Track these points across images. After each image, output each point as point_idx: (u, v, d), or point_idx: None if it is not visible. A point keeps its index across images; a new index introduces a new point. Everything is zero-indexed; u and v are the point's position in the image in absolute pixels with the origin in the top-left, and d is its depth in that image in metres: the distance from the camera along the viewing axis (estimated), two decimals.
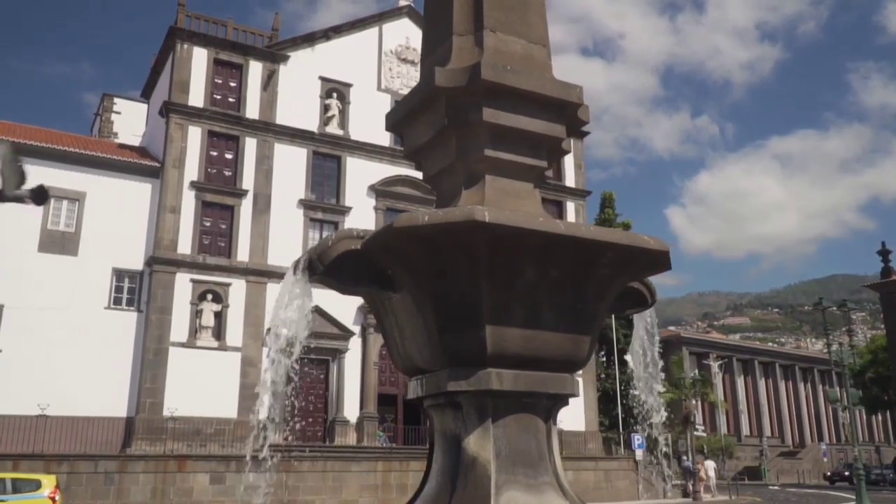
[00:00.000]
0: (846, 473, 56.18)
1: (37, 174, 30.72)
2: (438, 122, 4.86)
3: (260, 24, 39.89)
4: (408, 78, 38.29)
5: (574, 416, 37.15)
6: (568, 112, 5.02)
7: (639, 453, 32.22)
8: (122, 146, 36.55)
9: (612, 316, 42.80)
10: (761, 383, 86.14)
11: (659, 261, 4.62)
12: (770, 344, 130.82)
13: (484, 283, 4.22)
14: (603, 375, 42.04)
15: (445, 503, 4.36)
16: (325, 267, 4.39)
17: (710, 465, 34.02)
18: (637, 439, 32.11)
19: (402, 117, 5.22)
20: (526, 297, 4.34)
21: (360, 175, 35.41)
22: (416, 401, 4.80)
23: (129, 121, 44.52)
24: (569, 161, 42.66)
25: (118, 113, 49.15)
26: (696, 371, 69.27)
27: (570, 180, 42.40)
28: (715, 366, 53.94)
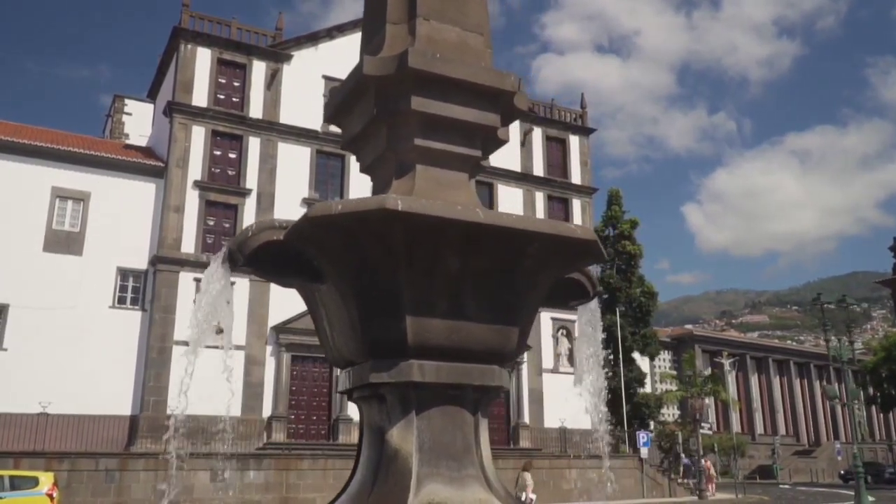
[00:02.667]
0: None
1: (42, 175, 31.09)
2: (369, 112, 4.81)
3: (274, 24, 40.33)
4: None
5: (580, 414, 36.99)
6: (503, 101, 4.93)
7: (644, 451, 31.99)
8: (129, 146, 36.81)
9: (617, 314, 42.79)
10: (776, 381, 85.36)
11: (588, 250, 4.53)
12: (789, 342, 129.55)
13: (403, 274, 4.16)
14: (610, 374, 41.80)
15: (366, 497, 4.32)
16: (245, 258, 4.36)
17: (708, 460, 33.66)
18: (642, 437, 31.88)
19: (336, 108, 5.17)
20: (449, 287, 4.27)
21: (362, 174, 35.37)
22: (345, 393, 4.75)
23: (140, 121, 44.81)
24: (574, 159, 42.51)
25: (129, 114, 49.52)
26: (709, 369, 68.80)
27: (576, 178, 42.19)
28: (727, 363, 53.34)
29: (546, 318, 38.30)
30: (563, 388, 37.21)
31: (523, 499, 21.97)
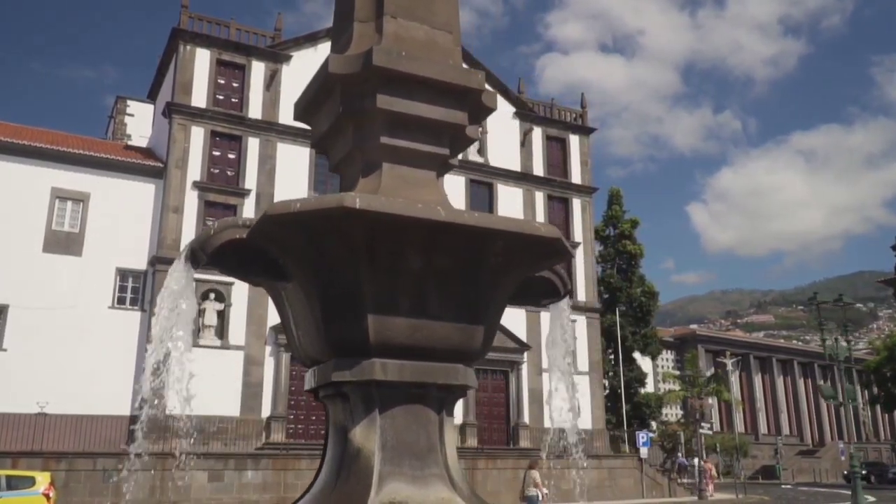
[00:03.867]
0: (864, 472, 55.36)
1: (42, 175, 31.12)
2: (335, 110, 4.81)
3: (285, 27, 40.31)
4: None
5: (581, 414, 36.94)
6: (471, 99, 4.92)
7: (643, 451, 31.93)
8: (129, 147, 36.89)
9: (617, 314, 42.75)
10: (779, 381, 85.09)
11: (553, 249, 4.51)
12: (795, 342, 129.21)
13: (365, 272, 4.15)
14: (611, 373, 41.78)
15: (329, 495, 4.31)
16: (207, 256, 4.36)
17: (697, 462, 33.61)
18: (642, 437, 31.82)
19: (304, 106, 5.17)
20: (412, 285, 4.26)
21: None
22: (311, 392, 4.75)
23: (142, 123, 44.93)
24: (575, 158, 42.44)
25: (131, 115, 49.67)
26: (712, 369, 68.65)
27: (576, 177, 42.12)
28: (729, 363, 53.18)
29: (546, 318, 38.07)
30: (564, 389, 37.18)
31: (538, 496, 21.99)
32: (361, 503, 4.01)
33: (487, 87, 5.06)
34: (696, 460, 32.47)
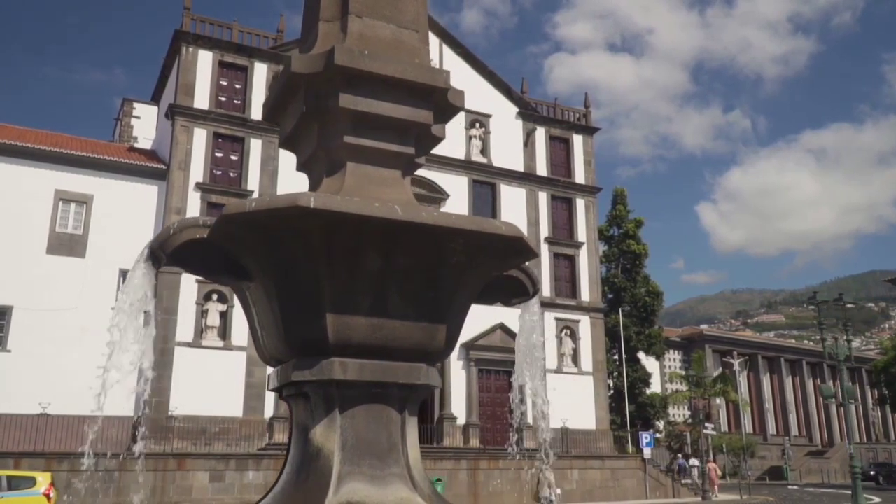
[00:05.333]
0: (872, 473, 55.04)
1: (45, 178, 31.28)
2: (300, 110, 4.81)
3: (287, 28, 40.20)
4: None
5: (584, 414, 36.90)
6: (436, 97, 4.91)
7: (647, 451, 31.81)
8: (133, 149, 37.05)
9: (620, 314, 42.60)
10: (788, 381, 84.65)
11: (515, 247, 4.49)
12: (806, 342, 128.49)
13: (324, 271, 4.15)
14: (615, 374, 41.64)
15: (288, 495, 4.31)
16: (167, 256, 4.36)
17: (695, 462, 33.46)
18: (645, 437, 31.70)
19: (271, 106, 5.17)
20: (372, 284, 4.25)
21: None
22: (275, 391, 4.76)
23: (149, 125, 45.12)
24: (578, 158, 42.38)
25: (137, 117, 49.77)
26: (720, 369, 68.35)
27: (579, 177, 42.05)
28: (736, 363, 52.97)
29: (549, 318, 38.19)
30: (567, 389, 37.11)
31: (551, 497, 22.05)
32: (319, 502, 4.01)
33: (454, 85, 5.05)
34: (692, 461, 32.32)
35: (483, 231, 4.33)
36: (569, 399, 36.54)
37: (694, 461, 33.07)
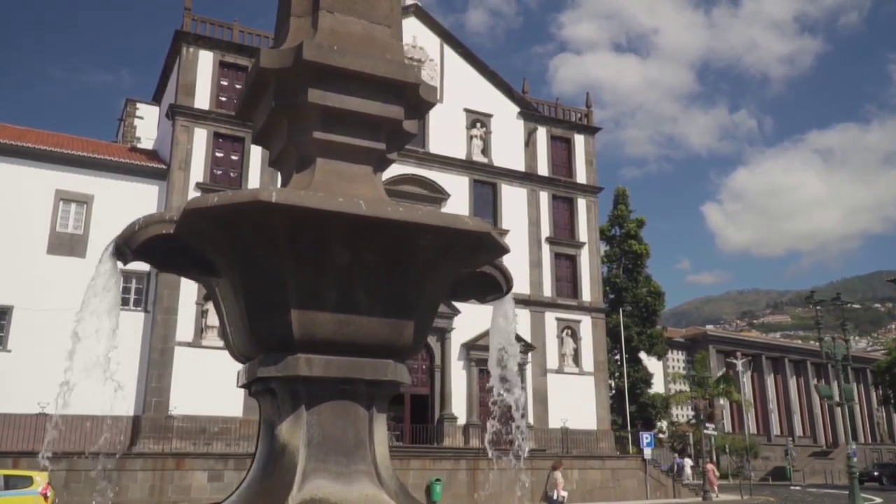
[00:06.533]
0: (875, 473, 54.82)
1: (46, 178, 31.31)
2: (270, 105, 4.80)
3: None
4: None
5: (585, 414, 36.86)
6: (408, 93, 4.88)
7: (647, 452, 31.74)
8: (134, 149, 37.13)
9: (621, 314, 42.51)
10: (792, 382, 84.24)
11: (483, 243, 4.46)
12: (812, 342, 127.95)
13: (288, 266, 4.13)
14: (617, 374, 41.56)
15: (254, 492, 4.29)
16: (132, 252, 4.35)
17: (687, 462, 33.38)
18: (645, 438, 31.62)
19: (243, 102, 5.17)
20: (338, 280, 4.23)
21: None
22: (244, 388, 4.76)
23: (152, 125, 45.25)
24: (580, 158, 42.32)
25: (140, 118, 49.90)
26: (724, 370, 68.12)
27: (581, 177, 41.98)
28: (739, 364, 52.77)
29: (551, 318, 38.16)
30: (568, 389, 37.07)
31: (555, 497, 22.10)
32: (282, 499, 3.99)
33: (425, 80, 5.03)
34: (686, 460, 32.24)
35: (450, 227, 4.30)
36: (570, 399, 36.53)
37: (687, 460, 33.00)
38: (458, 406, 35.21)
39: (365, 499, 4.16)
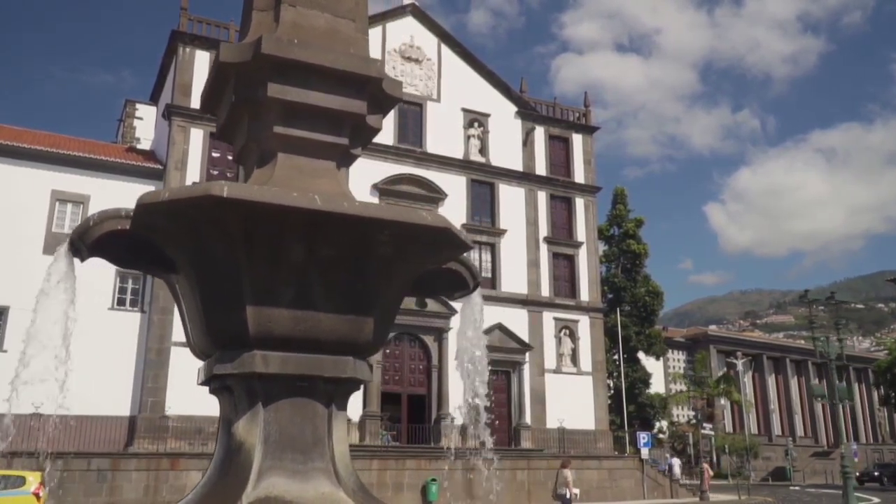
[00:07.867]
0: (876, 474, 54.68)
1: (42, 178, 31.23)
2: (231, 100, 4.75)
3: None
4: (412, 77, 38.27)
5: (583, 414, 36.75)
6: (371, 88, 4.83)
7: (645, 452, 31.66)
8: (131, 150, 37.11)
9: (619, 313, 42.41)
10: (793, 382, 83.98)
11: (443, 239, 4.40)
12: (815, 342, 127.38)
13: (244, 262, 4.08)
14: (615, 374, 41.49)
15: (209, 491, 4.25)
16: (87, 247, 4.31)
17: (676, 462, 33.30)
18: (643, 438, 31.53)
19: (206, 96, 5.11)
20: (294, 276, 4.18)
21: (364, 174, 35.31)
22: (204, 385, 4.70)
23: (151, 125, 45.25)
24: (578, 157, 42.23)
25: (140, 118, 49.90)
26: (724, 369, 67.94)
27: (579, 177, 41.90)
28: (739, 364, 52.63)
29: (548, 318, 38.08)
30: (566, 389, 36.98)
31: (567, 495, 22.03)
32: (237, 498, 3.94)
33: (388, 74, 4.97)
34: (675, 460, 32.19)
35: (407, 222, 4.25)
36: (568, 399, 36.44)
37: (675, 459, 32.94)
38: (456, 406, 35.14)
39: (321, 497, 4.12)
